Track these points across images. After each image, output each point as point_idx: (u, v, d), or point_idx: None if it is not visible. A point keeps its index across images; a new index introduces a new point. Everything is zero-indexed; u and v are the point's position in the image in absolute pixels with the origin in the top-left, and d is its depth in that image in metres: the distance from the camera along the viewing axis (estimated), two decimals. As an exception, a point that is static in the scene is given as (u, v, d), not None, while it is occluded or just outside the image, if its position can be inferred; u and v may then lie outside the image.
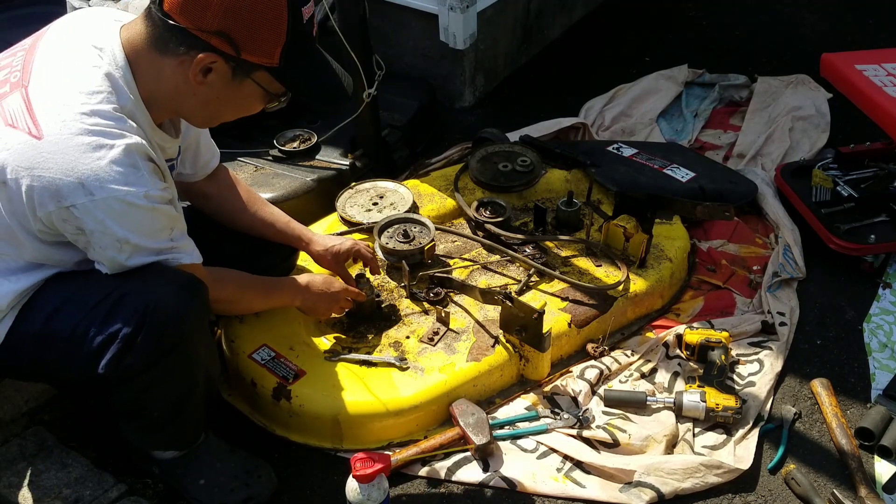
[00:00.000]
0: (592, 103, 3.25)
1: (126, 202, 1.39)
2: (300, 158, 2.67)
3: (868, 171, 2.68)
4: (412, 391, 1.90)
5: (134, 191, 1.39)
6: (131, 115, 1.44)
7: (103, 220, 1.39)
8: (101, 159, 1.36)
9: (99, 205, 1.37)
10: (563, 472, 1.86)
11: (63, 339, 1.50)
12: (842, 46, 3.51)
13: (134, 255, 1.47)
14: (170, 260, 1.53)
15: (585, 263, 2.28)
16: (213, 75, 1.44)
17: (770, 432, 1.99)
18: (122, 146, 1.38)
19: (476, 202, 2.43)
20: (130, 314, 1.47)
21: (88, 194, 1.36)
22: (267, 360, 1.94)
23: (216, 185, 1.93)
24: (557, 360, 2.12)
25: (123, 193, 1.38)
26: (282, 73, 1.47)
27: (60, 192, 1.35)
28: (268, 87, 1.49)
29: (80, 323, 1.49)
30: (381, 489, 1.67)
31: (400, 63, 3.26)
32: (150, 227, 1.46)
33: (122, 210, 1.39)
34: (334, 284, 1.97)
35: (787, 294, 2.36)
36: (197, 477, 1.77)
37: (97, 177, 1.35)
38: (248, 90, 1.49)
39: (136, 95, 1.45)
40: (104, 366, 1.48)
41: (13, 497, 1.72)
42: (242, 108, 1.57)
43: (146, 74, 1.45)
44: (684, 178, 2.58)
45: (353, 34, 2.40)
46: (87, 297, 1.50)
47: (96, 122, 1.37)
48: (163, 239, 1.50)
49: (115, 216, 1.39)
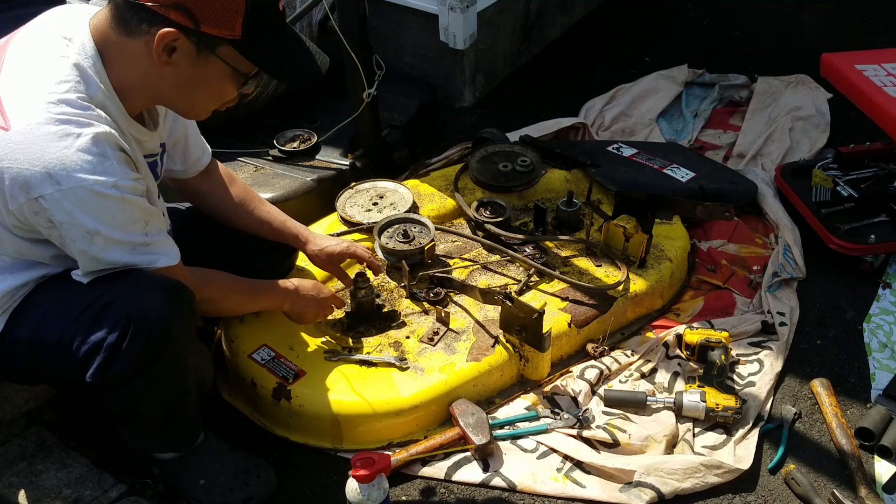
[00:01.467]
0: (592, 103, 3.25)
1: (94, 192, 1.36)
2: (300, 158, 2.67)
3: (868, 171, 2.69)
4: (412, 391, 1.90)
5: (102, 180, 1.36)
6: (101, 104, 1.41)
7: (72, 210, 1.36)
8: (68, 148, 1.34)
9: (67, 195, 1.34)
10: (563, 472, 1.86)
11: (51, 346, 1.50)
12: (842, 46, 3.51)
13: (106, 248, 1.43)
14: (146, 260, 1.50)
15: (585, 263, 2.28)
16: (177, 54, 1.40)
17: (770, 432, 1.99)
18: (90, 134, 1.36)
19: (476, 202, 2.43)
20: (115, 322, 1.45)
21: (56, 184, 1.33)
22: (267, 360, 1.94)
23: (209, 183, 1.92)
24: (557, 360, 2.12)
25: (91, 182, 1.35)
26: (247, 47, 1.42)
27: (29, 183, 1.33)
28: (235, 64, 1.44)
29: (66, 331, 1.48)
30: (381, 489, 1.67)
31: (400, 63, 3.26)
32: (120, 217, 1.42)
33: (91, 200, 1.36)
34: (323, 290, 1.96)
35: (787, 294, 2.36)
36: (197, 477, 1.77)
37: (64, 166, 1.33)
38: (215, 68, 1.44)
39: (106, 84, 1.43)
40: (91, 374, 1.48)
41: (13, 497, 1.72)
42: (216, 92, 1.51)
43: (116, 61, 1.43)
44: (684, 178, 2.58)
45: (353, 34, 2.40)
46: (73, 305, 1.49)
47: (63, 111, 1.35)
48: (136, 232, 1.46)
49: (83, 206, 1.36)
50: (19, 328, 1.52)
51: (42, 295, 1.53)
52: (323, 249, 2.03)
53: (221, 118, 1.95)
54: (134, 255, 1.48)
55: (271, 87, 2.74)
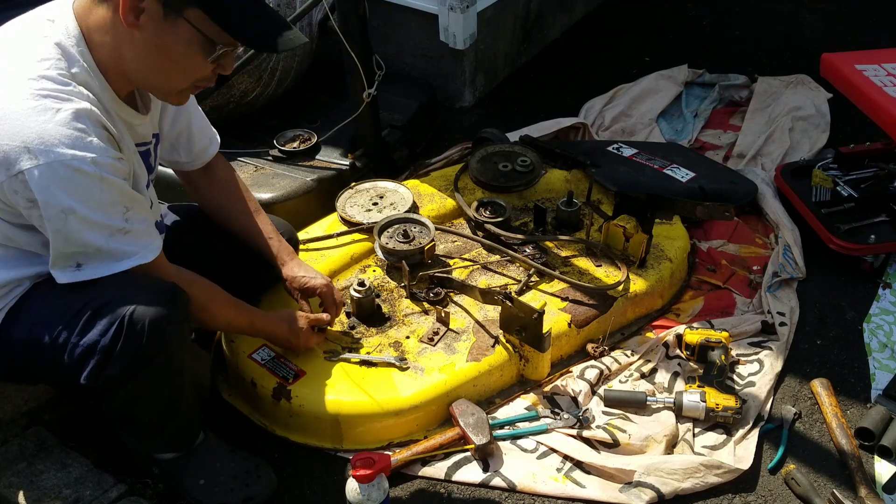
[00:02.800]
0: (592, 103, 3.25)
1: (72, 167, 1.33)
2: (300, 158, 2.67)
3: (868, 171, 2.69)
4: (412, 391, 1.90)
5: (81, 155, 1.34)
6: (84, 82, 1.40)
7: (48, 186, 1.33)
8: (47, 122, 1.32)
9: (44, 170, 1.32)
10: (563, 473, 1.86)
11: (46, 347, 1.49)
12: (842, 46, 3.51)
13: (82, 229, 1.39)
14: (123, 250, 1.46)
15: (585, 263, 2.28)
16: (144, 16, 1.36)
17: (770, 432, 1.99)
18: (71, 109, 1.35)
19: (476, 202, 2.43)
20: (109, 325, 1.44)
21: (33, 158, 1.32)
22: (267, 360, 1.94)
23: (206, 178, 1.91)
24: (557, 360, 2.12)
25: (69, 157, 1.33)
26: (213, 8, 1.37)
27: (8, 159, 1.32)
28: (202, 27, 1.39)
29: (60, 333, 1.47)
30: (381, 489, 1.67)
31: (400, 63, 3.26)
32: (98, 197, 1.39)
33: (68, 176, 1.34)
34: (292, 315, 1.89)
35: (787, 294, 2.36)
36: (196, 477, 1.77)
37: (42, 140, 1.32)
38: (183, 33, 1.39)
39: (89, 63, 1.41)
40: (86, 377, 1.48)
41: (13, 497, 1.72)
42: (185, 63, 1.44)
43: (96, 39, 1.41)
44: (684, 178, 2.58)
45: (353, 34, 2.40)
46: (68, 307, 1.48)
47: (43, 87, 1.34)
48: (115, 216, 1.43)
49: (60, 182, 1.34)
50: (16, 328, 1.52)
51: (38, 295, 1.53)
52: (296, 278, 1.94)
53: (222, 118, 1.95)
54: (111, 240, 1.44)
55: (271, 86, 2.75)
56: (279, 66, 2.72)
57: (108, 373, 1.47)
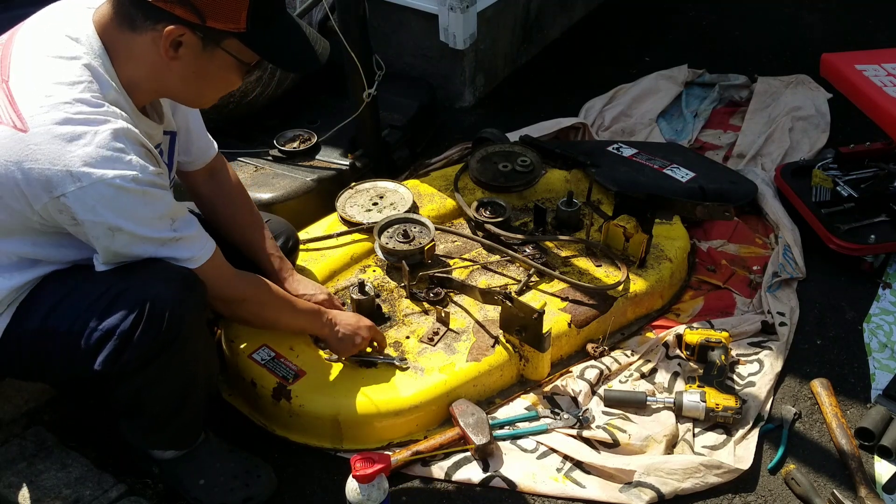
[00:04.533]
0: (592, 103, 3.25)
1: (115, 186, 1.36)
2: (300, 158, 2.67)
3: (868, 171, 2.69)
4: (412, 391, 1.90)
5: (123, 173, 1.36)
6: (115, 101, 1.42)
7: (94, 206, 1.37)
8: (88, 146, 1.34)
9: (88, 192, 1.35)
10: (563, 473, 1.86)
11: (61, 335, 1.49)
12: (842, 46, 3.51)
13: (131, 244, 1.44)
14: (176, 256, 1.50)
15: (585, 263, 2.28)
16: (183, 49, 1.41)
17: (770, 432, 1.99)
18: (109, 131, 1.37)
19: (476, 202, 2.43)
20: (128, 310, 1.45)
21: (76, 181, 1.34)
22: (267, 360, 1.94)
23: (211, 186, 1.92)
24: (557, 360, 2.12)
25: (111, 177, 1.35)
26: (251, 38, 1.44)
27: (51, 183, 1.34)
28: (240, 55, 1.46)
29: (77, 319, 1.48)
30: (381, 489, 1.67)
31: (400, 63, 3.26)
32: (144, 213, 1.43)
33: (112, 195, 1.37)
34: (361, 325, 1.92)
35: (787, 294, 2.36)
36: (197, 477, 1.77)
37: (84, 163, 1.34)
38: (220, 61, 1.46)
39: (116, 83, 1.44)
40: (101, 362, 1.48)
41: (13, 497, 1.72)
42: (222, 83, 1.53)
43: (123, 58, 1.43)
44: (684, 178, 2.58)
45: (353, 34, 2.40)
46: (86, 294, 1.49)
47: (80, 111, 1.36)
48: (163, 228, 1.47)
49: (105, 202, 1.37)
50: (27, 320, 1.52)
51: (51, 286, 1.53)
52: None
53: (222, 118, 1.95)
54: (161, 250, 1.48)
55: (271, 86, 2.75)
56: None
57: (125, 358, 1.48)
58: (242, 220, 1.94)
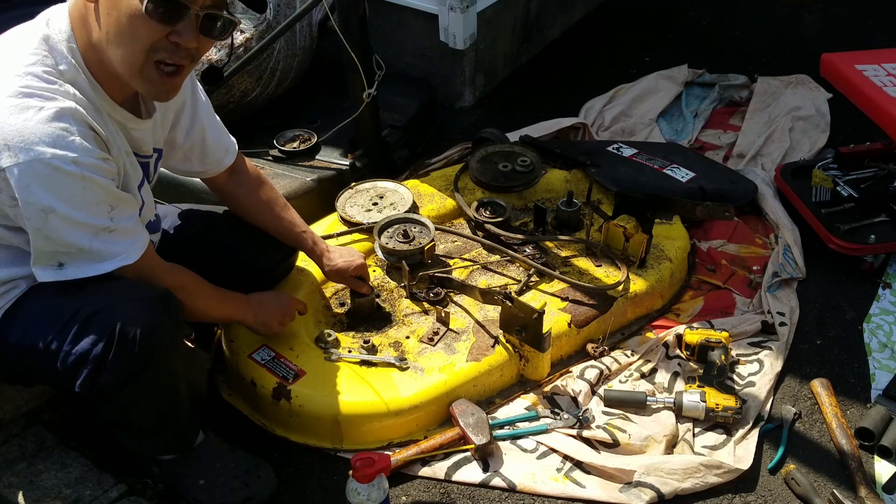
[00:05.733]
0: (592, 103, 3.25)
1: (52, 166, 1.32)
2: (300, 158, 2.67)
3: (868, 171, 2.68)
4: (412, 391, 1.90)
5: (62, 154, 1.32)
6: (72, 80, 1.40)
7: (28, 184, 1.32)
8: (28, 120, 1.31)
9: (24, 169, 1.31)
10: (563, 473, 1.86)
11: (39, 354, 1.48)
12: (842, 46, 3.51)
13: (63, 228, 1.38)
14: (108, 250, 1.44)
15: (585, 263, 2.28)
16: None
17: (770, 432, 1.99)
18: (54, 108, 1.34)
19: (476, 202, 2.43)
20: (100, 334, 1.43)
21: (13, 156, 1.31)
22: (267, 360, 1.94)
23: (233, 182, 1.93)
24: (557, 360, 2.12)
25: (49, 156, 1.31)
26: None
27: None
28: None
29: (52, 341, 1.46)
30: (381, 489, 1.67)
31: (400, 63, 3.26)
32: (80, 197, 1.37)
33: (48, 175, 1.32)
34: (282, 297, 1.94)
35: (787, 294, 2.36)
36: (196, 477, 1.77)
37: (22, 138, 1.31)
38: None
39: (77, 60, 1.41)
40: (80, 385, 1.47)
41: (13, 497, 1.72)
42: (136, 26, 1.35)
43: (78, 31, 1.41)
44: (684, 178, 2.58)
45: (353, 34, 2.40)
46: (59, 313, 1.46)
47: (28, 84, 1.34)
48: (98, 215, 1.41)
49: (40, 181, 1.32)
50: (10, 331, 1.51)
51: (34, 298, 1.52)
52: (333, 268, 2.03)
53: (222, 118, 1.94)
54: (94, 240, 1.42)
55: (271, 86, 2.75)
56: (279, 66, 2.72)
57: (102, 381, 1.46)
58: (271, 207, 1.96)
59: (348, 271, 2.04)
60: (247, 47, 2.57)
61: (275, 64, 2.69)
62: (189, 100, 1.75)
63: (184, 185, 2.35)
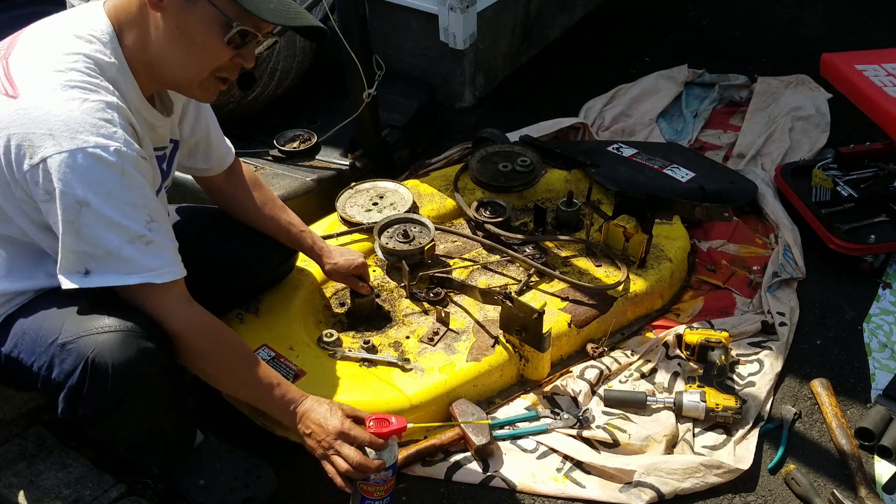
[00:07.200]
0: (592, 103, 3.26)
1: (94, 156, 1.31)
2: (300, 158, 2.68)
3: (868, 171, 2.69)
4: (412, 391, 1.90)
5: (104, 143, 1.31)
6: (113, 79, 1.40)
7: (67, 174, 1.30)
8: (73, 110, 1.31)
9: (66, 158, 1.30)
10: (563, 473, 1.86)
11: (26, 370, 1.46)
12: (842, 46, 3.52)
13: (96, 225, 1.33)
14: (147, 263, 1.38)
15: (585, 263, 2.28)
16: None
17: (770, 432, 1.99)
18: (98, 100, 1.34)
19: (476, 202, 2.43)
20: (74, 365, 1.38)
21: (57, 144, 1.30)
22: (267, 361, 1.93)
23: (231, 183, 1.93)
24: (557, 360, 2.12)
25: (92, 144, 1.30)
26: None
27: (33, 145, 1.30)
28: (223, 8, 1.37)
29: (34, 361, 1.44)
30: (392, 453, 1.60)
31: (400, 63, 3.26)
32: (118, 194, 1.34)
33: (89, 165, 1.31)
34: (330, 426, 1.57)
35: (787, 294, 2.36)
36: (196, 477, 1.77)
37: (67, 126, 1.30)
38: (203, 14, 1.37)
39: (119, 59, 1.41)
40: (61, 413, 1.44)
41: (13, 497, 1.72)
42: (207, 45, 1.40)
43: (127, 33, 1.42)
44: (684, 178, 2.58)
45: (353, 34, 2.40)
46: (44, 334, 1.43)
47: (71, 78, 1.34)
48: (136, 220, 1.36)
49: (80, 171, 1.30)
50: (4, 342, 1.49)
51: (28, 311, 1.49)
52: (333, 266, 2.03)
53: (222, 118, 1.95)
54: (128, 247, 1.36)
55: (271, 86, 2.75)
56: (279, 67, 2.72)
57: (81, 412, 1.42)
58: (269, 208, 1.96)
59: (349, 270, 2.04)
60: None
61: (274, 64, 2.69)
62: None
63: (184, 185, 2.35)
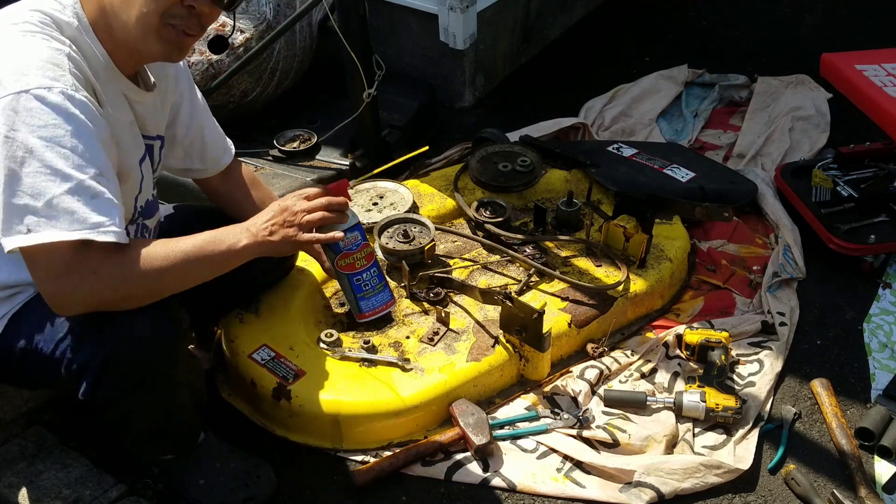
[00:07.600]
0: (592, 103, 3.26)
1: (37, 96, 1.26)
2: (300, 158, 2.68)
3: (868, 171, 2.69)
4: (412, 391, 1.90)
5: (48, 83, 1.27)
6: (73, 39, 1.38)
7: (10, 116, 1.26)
8: (21, 56, 1.29)
9: (11, 101, 1.26)
10: (563, 473, 1.86)
11: (45, 358, 1.47)
12: (842, 46, 3.51)
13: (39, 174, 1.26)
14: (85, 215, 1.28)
15: (585, 263, 2.28)
16: None
17: (770, 432, 1.99)
18: (47, 46, 1.32)
19: (476, 202, 2.43)
20: (98, 346, 1.41)
21: (3, 89, 1.27)
22: (267, 360, 1.94)
23: (227, 184, 1.92)
24: (557, 360, 2.12)
25: (35, 85, 1.26)
26: None
27: None
28: None
29: (56, 347, 1.45)
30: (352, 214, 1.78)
31: (400, 63, 3.26)
32: (62, 138, 1.27)
33: (32, 107, 1.26)
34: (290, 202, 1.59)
35: (787, 294, 2.36)
36: (196, 477, 1.77)
37: (14, 67, 1.28)
38: None
39: (81, 22, 1.39)
40: (83, 394, 1.47)
41: (13, 497, 1.72)
42: None
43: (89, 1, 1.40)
44: (684, 178, 2.58)
45: (353, 34, 2.40)
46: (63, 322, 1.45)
47: (25, 29, 1.33)
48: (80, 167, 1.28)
49: (23, 114, 1.26)
50: (15, 336, 1.51)
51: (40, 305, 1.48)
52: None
53: (222, 118, 1.95)
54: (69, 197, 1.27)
55: (271, 87, 2.75)
56: (279, 66, 2.72)
57: (102, 393, 1.46)
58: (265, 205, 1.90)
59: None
60: (247, 47, 2.57)
61: (274, 64, 2.70)
62: (187, 94, 1.76)
63: (184, 185, 2.36)
